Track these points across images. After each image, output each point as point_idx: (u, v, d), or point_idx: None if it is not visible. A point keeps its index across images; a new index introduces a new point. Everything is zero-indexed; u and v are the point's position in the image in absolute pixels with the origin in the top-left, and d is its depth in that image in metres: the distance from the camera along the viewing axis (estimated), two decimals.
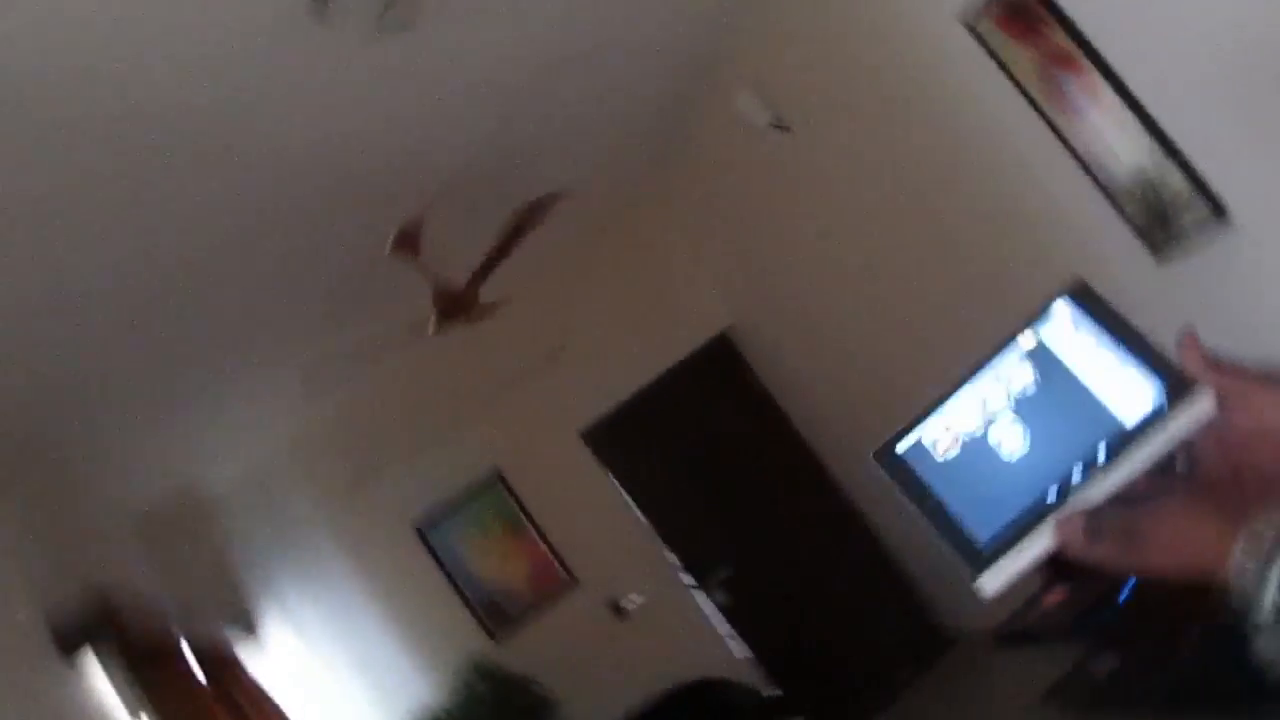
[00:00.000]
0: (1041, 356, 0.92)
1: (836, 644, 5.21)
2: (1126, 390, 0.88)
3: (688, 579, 5.35)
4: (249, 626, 4.81)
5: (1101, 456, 0.86)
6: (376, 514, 5.21)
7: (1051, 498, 0.86)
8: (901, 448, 0.93)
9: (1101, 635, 3.45)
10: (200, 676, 3.73)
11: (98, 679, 3.00)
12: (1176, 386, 0.86)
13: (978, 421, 0.92)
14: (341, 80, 2.68)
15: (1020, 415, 0.91)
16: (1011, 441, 0.91)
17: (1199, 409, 0.84)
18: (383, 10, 2.28)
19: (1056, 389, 0.90)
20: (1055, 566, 0.93)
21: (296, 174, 3.08)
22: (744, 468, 5.48)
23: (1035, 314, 0.92)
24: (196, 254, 3.15)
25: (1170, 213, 2.74)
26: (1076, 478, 0.86)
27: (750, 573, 5.30)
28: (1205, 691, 2.77)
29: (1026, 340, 0.92)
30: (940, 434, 0.93)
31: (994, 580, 0.86)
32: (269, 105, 2.57)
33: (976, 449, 0.91)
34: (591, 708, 4.90)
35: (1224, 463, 0.86)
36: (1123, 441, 0.86)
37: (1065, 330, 0.92)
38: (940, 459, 0.92)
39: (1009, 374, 0.92)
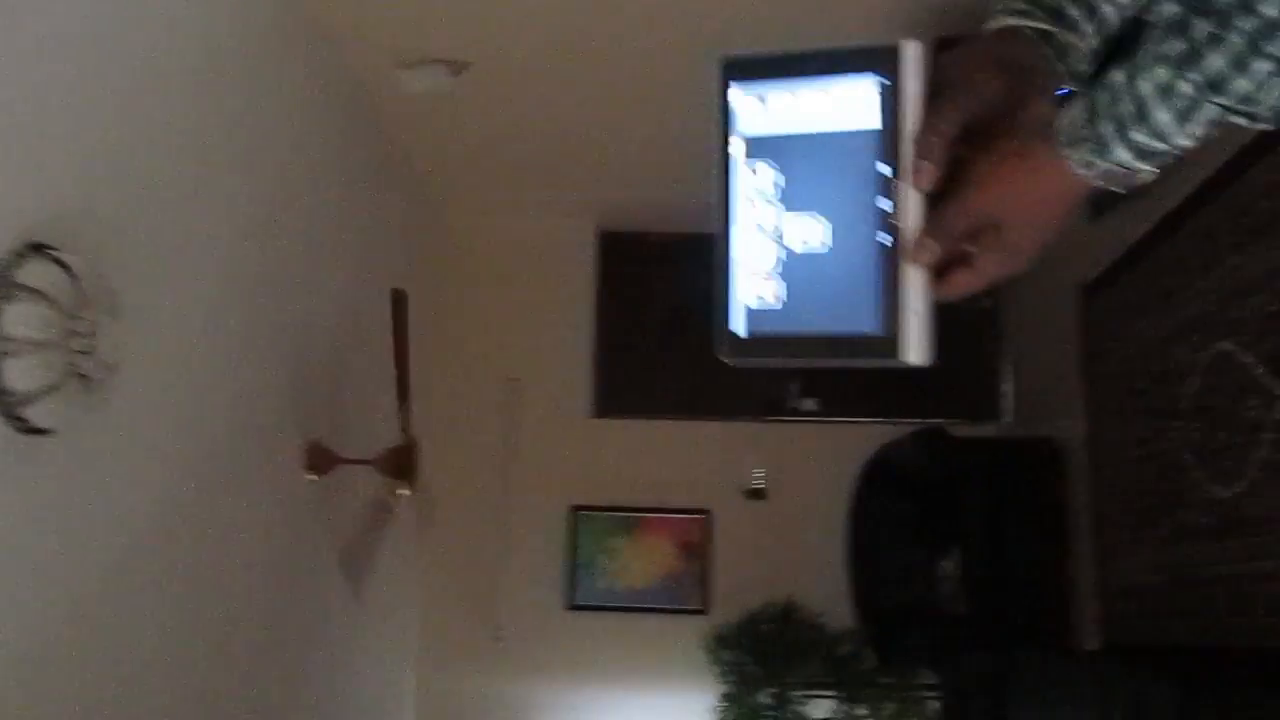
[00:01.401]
0: (760, 146, 0.83)
1: None
2: (849, 101, 0.80)
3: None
4: None
5: (887, 170, 0.79)
6: (535, 636, 5.14)
7: (886, 240, 0.79)
8: (739, 328, 0.84)
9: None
10: None
11: None
12: (882, 59, 0.79)
13: (771, 246, 0.83)
14: (128, 434, 2.50)
15: (796, 206, 0.82)
16: (812, 233, 0.82)
17: (912, 54, 0.79)
18: (76, 383, 2.09)
19: (799, 157, 0.82)
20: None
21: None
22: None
23: (720, 118, 0.84)
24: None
25: None
26: (886, 206, 0.79)
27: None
28: None
29: (737, 146, 0.84)
30: (755, 286, 0.83)
31: (916, 348, 0.79)
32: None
33: (795, 267, 0.82)
34: (821, 580, 4.92)
35: (968, 88, 0.82)
36: (888, 142, 0.79)
37: (755, 107, 0.83)
38: (778, 304, 0.83)
39: (752, 185, 0.83)
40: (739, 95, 0.83)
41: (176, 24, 2.75)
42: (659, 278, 5.43)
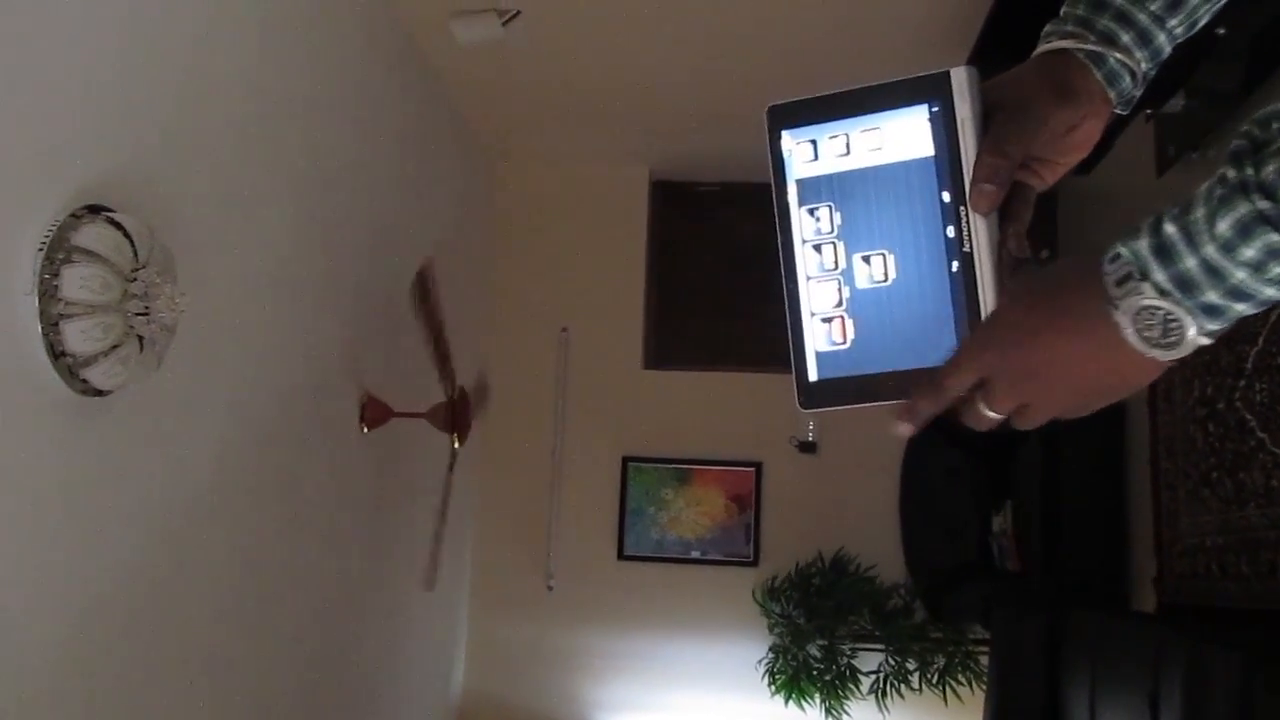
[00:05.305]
0: (815, 188, 0.80)
1: None
2: (903, 134, 0.77)
3: None
4: None
5: (948, 198, 0.76)
6: (585, 585, 5.18)
7: (957, 267, 0.76)
8: (813, 375, 0.82)
9: None
10: None
11: None
12: (933, 88, 0.76)
13: (837, 288, 0.80)
14: (182, 405, 2.53)
15: (860, 244, 0.79)
16: (878, 269, 0.79)
17: (965, 79, 0.76)
18: (134, 345, 2.10)
19: (858, 195, 0.79)
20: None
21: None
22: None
23: (774, 170, 0.82)
24: None
25: None
26: (953, 233, 0.76)
27: None
28: None
29: (792, 194, 0.81)
30: (826, 330, 0.81)
31: None
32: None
33: (865, 304, 0.79)
34: (873, 533, 4.91)
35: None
36: (947, 169, 0.76)
37: (806, 151, 0.81)
38: (849, 345, 0.80)
39: (812, 228, 0.80)
40: (790, 142, 0.81)
41: None
42: (713, 228, 5.39)
